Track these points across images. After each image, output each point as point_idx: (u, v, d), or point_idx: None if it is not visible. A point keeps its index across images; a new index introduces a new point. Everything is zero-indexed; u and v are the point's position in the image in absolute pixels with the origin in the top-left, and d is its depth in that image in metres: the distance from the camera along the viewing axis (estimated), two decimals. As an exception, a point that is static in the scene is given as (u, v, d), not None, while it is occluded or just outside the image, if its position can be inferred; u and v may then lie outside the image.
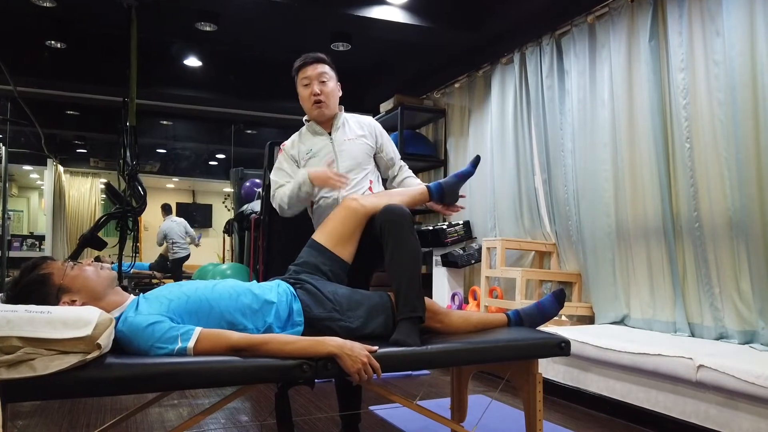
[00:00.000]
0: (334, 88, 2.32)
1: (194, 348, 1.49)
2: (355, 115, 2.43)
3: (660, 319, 3.31)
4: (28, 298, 1.52)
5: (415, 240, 1.90)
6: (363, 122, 2.41)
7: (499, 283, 4.40)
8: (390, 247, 1.87)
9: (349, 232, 1.98)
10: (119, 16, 4.46)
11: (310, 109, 2.31)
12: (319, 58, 2.31)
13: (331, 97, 2.30)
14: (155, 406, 2.97)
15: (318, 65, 2.29)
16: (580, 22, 3.82)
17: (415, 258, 1.87)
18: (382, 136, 2.42)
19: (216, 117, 7.30)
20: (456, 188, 2.20)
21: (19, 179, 11.31)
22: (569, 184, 3.91)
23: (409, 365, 1.76)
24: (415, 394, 3.29)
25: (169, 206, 8.52)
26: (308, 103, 2.30)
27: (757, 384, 2.18)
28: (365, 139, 2.35)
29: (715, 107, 2.98)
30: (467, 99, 5.16)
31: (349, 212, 1.99)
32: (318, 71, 2.27)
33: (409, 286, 1.83)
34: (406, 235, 1.87)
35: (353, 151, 2.30)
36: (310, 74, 2.27)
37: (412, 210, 2.01)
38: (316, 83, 2.26)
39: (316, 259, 1.95)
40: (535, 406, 1.91)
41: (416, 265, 1.87)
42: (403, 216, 1.89)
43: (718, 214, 2.97)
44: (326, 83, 2.28)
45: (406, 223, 1.89)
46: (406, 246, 1.87)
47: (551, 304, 2.12)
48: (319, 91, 2.26)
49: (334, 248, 1.97)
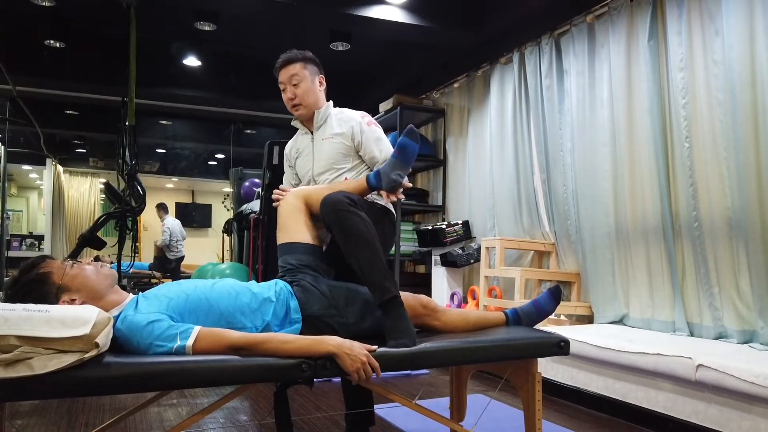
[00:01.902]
0: (309, 87, 2.24)
1: (193, 346, 1.49)
2: (344, 111, 2.33)
3: (659, 318, 3.31)
4: (27, 296, 1.51)
5: (359, 221, 1.79)
6: (345, 119, 2.28)
7: (498, 283, 4.40)
8: (339, 239, 1.82)
9: (299, 221, 1.98)
10: (118, 15, 4.46)
11: (292, 113, 2.30)
12: (287, 59, 2.24)
13: (307, 96, 2.24)
14: (154, 406, 2.97)
15: (288, 68, 2.23)
16: (580, 21, 3.82)
17: (365, 240, 1.77)
18: (362, 134, 2.23)
19: (215, 117, 7.30)
20: (391, 172, 1.97)
21: (19, 179, 11.31)
22: (568, 184, 3.91)
23: (408, 364, 1.76)
24: (414, 393, 3.29)
25: (165, 205, 8.50)
26: (289, 108, 2.29)
27: (757, 383, 2.18)
28: (341, 138, 2.23)
29: (714, 107, 2.98)
30: (466, 99, 5.16)
31: (288, 206, 2.01)
32: (289, 74, 2.22)
33: (371, 270, 1.75)
34: (348, 220, 1.79)
35: (328, 151, 2.24)
36: (282, 79, 2.25)
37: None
38: (288, 87, 2.23)
39: (292, 258, 1.93)
40: (534, 406, 1.90)
41: (369, 246, 1.77)
42: (338, 203, 1.80)
43: (718, 213, 2.97)
44: (298, 85, 2.22)
45: (343, 208, 1.79)
46: (352, 231, 1.78)
47: (548, 301, 2.12)
48: (293, 95, 2.23)
49: (296, 238, 1.96)
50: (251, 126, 7.89)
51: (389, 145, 2.25)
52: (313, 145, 2.29)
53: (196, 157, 9.17)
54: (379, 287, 1.74)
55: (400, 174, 1.95)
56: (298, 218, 1.98)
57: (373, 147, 2.23)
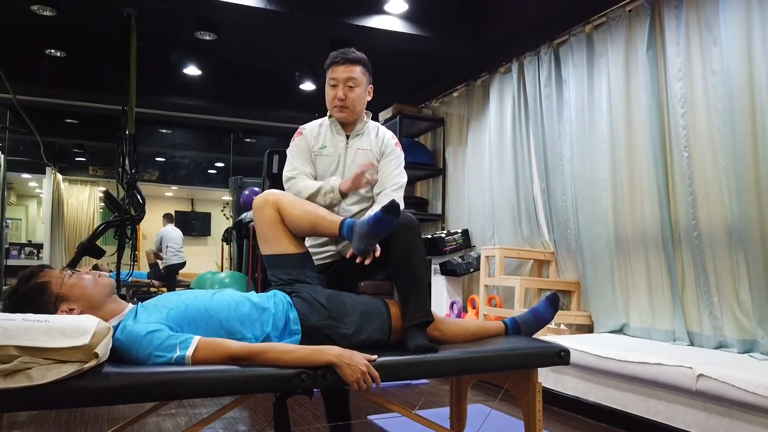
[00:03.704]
0: (362, 94, 2.18)
1: (193, 356, 1.48)
2: (382, 128, 2.31)
3: (659, 328, 3.31)
4: (25, 306, 1.51)
5: (424, 248, 1.92)
6: (379, 137, 2.26)
7: (498, 292, 4.39)
8: (401, 254, 1.87)
9: (278, 231, 1.94)
10: (119, 25, 4.49)
11: (332, 110, 2.20)
12: (352, 58, 2.15)
13: (357, 103, 2.17)
14: (153, 416, 2.95)
15: (349, 66, 2.14)
16: (578, 31, 3.84)
17: (424, 265, 1.90)
18: (386, 157, 2.23)
19: (215, 125, 7.31)
20: (362, 241, 1.82)
21: (18, 187, 11.31)
22: (568, 193, 3.92)
23: (408, 374, 1.75)
24: (414, 403, 3.27)
25: (171, 215, 8.60)
26: (331, 104, 2.18)
27: (758, 393, 2.17)
28: (372, 153, 2.22)
29: (712, 116, 2.99)
30: (466, 108, 5.18)
31: (265, 218, 1.93)
32: (347, 75, 2.13)
33: (421, 292, 1.85)
34: (418, 244, 1.89)
35: (361, 162, 2.17)
36: (338, 76, 2.14)
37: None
38: (342, 86, 2.14)
39: (282, 272, 1.92)
40: (534, 416, 1.90)
41: (425, 272, 1.90)
42: (415, 224, 1.90)
43: (717, 222, 2.97)
44: (353, 89, 2.14)
45: (417, 231, 1.90)
46: (419, 255, 1.89)
47: (546, 308, 2.12)
48: (344, 96, 2.14)
49: (279, 249, 1.94)
50: (251, 135, 7.91)
51: (403, 171, 2.25)
52: (346, 151, 2.20)
53: (196, 165, 9.18)
54: (425, 309, 1.84)
55: (370, 243, 1.83)
56: (276, 228, 1.93)
57: (387, 172, 2.21)
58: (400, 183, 2.22)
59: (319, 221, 1.92)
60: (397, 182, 2.21)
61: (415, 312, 1.82)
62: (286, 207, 1.92)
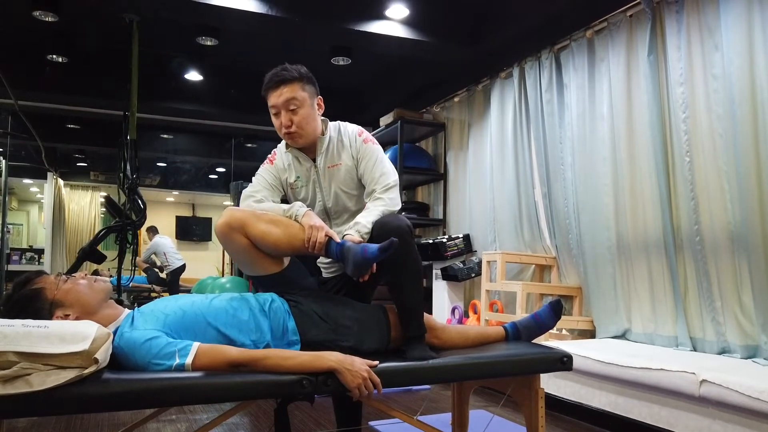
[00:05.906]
0: (309, 113, 1.93)
1: (192, 364, 1.47)
2: (344, 129, 2.06)
3: (661, 333, 3.29)
4: (21, 312, 1.50)
5: (418, 256, 1.88)
6: (346, 144, 2.03)
7: (500, 297, 4.38)
8: (394, 265, 1.83)
9: (252, 255, 1.82)
10: (120, 30, 4.49)
11: (284, 139, 2.01)
12: (282, 79, 1.91)
13: (305, 125, 1.93)
14: (153, 422, 2.94)
15: (283, 88, 1.91)
16: (579, 36, 3.84)
17: (419, 275, 1.88)
18: (362, 160, 2.01)
19: (216, 131, 7.32)
20: (356, 269, 1.75)
21: (19, 193, 11.31)
22: (569, 198, 3.91)
23: (410, 380, 1.75)
24: (415, 409, 3.26)
25: (155, 227, 8.54)
26: (280, 133, 1.99)
27: (761, 399, 2.16)
28: (346, 166, 2.02)
29: (714, 121, 2.99)
30: (467, 113, 5.18)
31: (234, 246, 1.80)
32: (284, 98, 1.90)
33: (415, 306, 1.84)
34: (412, 252, 1.85)
35: (337, 178, 2.02)
36: (275, 102, 1.92)
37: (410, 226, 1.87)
38: (284, 112, 1.92)
39: (274, 290, 1.87)
40: (537, 422, 1.89)
41: (420, 283, 1.89)
42: (406, 231, 1.82)
43: (719, 227, 2.96)
44: (297, 110, 1.91)
45: (410, 239, 1.84)
46: (412, 265, 1.86)
47: (548, 315, 2.10)
48: (289, 122, 1.92)
49: (260, 272, 1.87)
50: (252, 140, 7.91)
51: (387, 166, 2.03)
52: (317, 173, 2.03)
53: (197, 170, 9.18)
54: (417, 323, 1.84)
55: (366, 268, 1.75)
56: (249, 254, 1.81)
57: (372, 176, 2.00)
58: (389, 184, 1.98)
59: (297, 244, 1.80)
60: (386, 184, 1.97)
61: (410, 325, 1.83)
62: (255, 231, 1.77)
